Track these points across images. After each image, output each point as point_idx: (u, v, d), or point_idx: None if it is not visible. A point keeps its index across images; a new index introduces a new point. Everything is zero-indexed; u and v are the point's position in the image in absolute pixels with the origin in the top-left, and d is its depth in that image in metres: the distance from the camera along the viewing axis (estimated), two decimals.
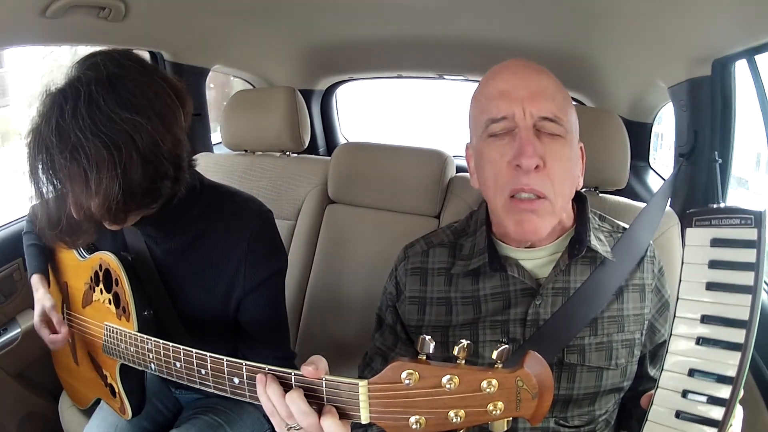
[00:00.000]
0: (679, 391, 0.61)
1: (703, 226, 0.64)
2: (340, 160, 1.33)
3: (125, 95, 0.67)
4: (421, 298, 0.80)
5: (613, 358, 0.74)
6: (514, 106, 0.68)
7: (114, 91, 0.66)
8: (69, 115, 0.64)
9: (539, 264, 0.76)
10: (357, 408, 0.52)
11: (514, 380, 0.47)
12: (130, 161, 0.66)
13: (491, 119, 0.70)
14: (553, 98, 0.69)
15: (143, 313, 0.80)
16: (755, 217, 0.60)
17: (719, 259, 0.62)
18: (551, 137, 0.68)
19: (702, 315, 0.61)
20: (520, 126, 0.68)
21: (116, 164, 0.65)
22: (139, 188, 0.68)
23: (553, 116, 0.68)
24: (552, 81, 0.72)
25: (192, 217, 0.83)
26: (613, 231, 0.81)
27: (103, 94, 0.65)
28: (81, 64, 0.70)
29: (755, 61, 1.01)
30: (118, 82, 0.67)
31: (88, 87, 0.65)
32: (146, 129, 0.67)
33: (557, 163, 0.68)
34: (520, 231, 0.70)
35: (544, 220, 0.69)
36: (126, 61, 0.71)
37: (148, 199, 0.72)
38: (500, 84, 0.71)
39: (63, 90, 0.66)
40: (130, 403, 0.86)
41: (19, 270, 1.26)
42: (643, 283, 0.77)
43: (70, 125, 0.64)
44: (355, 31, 1.63)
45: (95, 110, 0.64)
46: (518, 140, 0.67)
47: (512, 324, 0.75)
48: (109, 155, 0.64)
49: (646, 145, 1.61)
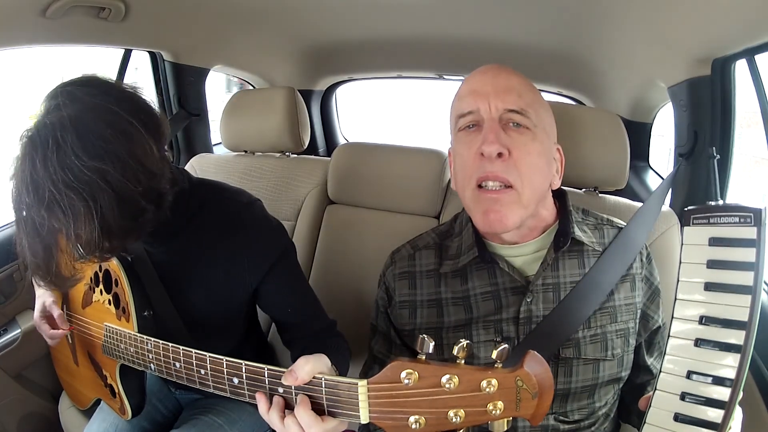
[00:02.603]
0: (678, 394, 0.60)
1: (701, 224, 0.63)
2: (340, 161, 1.32)
3: (91, 140, 0.64)
4: (411, 302, 0.80)
5: (609, 348, 0.74)
6: (480, 102, 0.72)
7: (78, 137, 0.63)
8: (40, 167, 0.63)
9: (527, 261, 0.77)
10: (356, 408, 0.52)
11: (513, 380, 0.47)
12: (107, 207, 0.65)
13: (459, 114, 0.74)
14: (519, 94, 0.72)
15: (143, 314, 0.80)
16: (754, 215, 0.59)
17: (718, 259, 0.61)
18: (518, 130, 0.71)
19: (700, 316, 0.60)
20: (485, 118, 0.71)
21: (93, 214, 0.64)
22: (121, 228, 0.67)
23: (518, 108, 0.71)
24: (522, 81, 0.75)
25: (185, 218, 0.83)
26: (598, 224, 0.82)
27: (69, 141, 0.63)
28: (46, 105, 0.67)
29: (755, 61, 1.01)
30: (81, 126, 0.64)
31: (54, 133, 0.63)
32: (117, 174, 0.65)
33: (524, 155, 0.70)
34: (487, 222, 0.71)
35: (510, 211, 0.70)
36: (87, 97, 0.67)
37: (132, 234, 0.71)
38: (470, 84, 0.75)
39: (32, 137, 0.64)
40: (130, 404, 0.86)
41: (19, 270, 1.26)
42: (632, 273, 0.78)
43: (43, 178, 0.63)
44: (355, 31, 1.63)
45: (64, 158, 0.63)
46: (483, 131, 0.70)
47: (505, 323, 0.75)
48: (84, 206, 0.63)
49: (646, 145, 1.61)
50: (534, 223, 0.76)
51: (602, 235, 0.80)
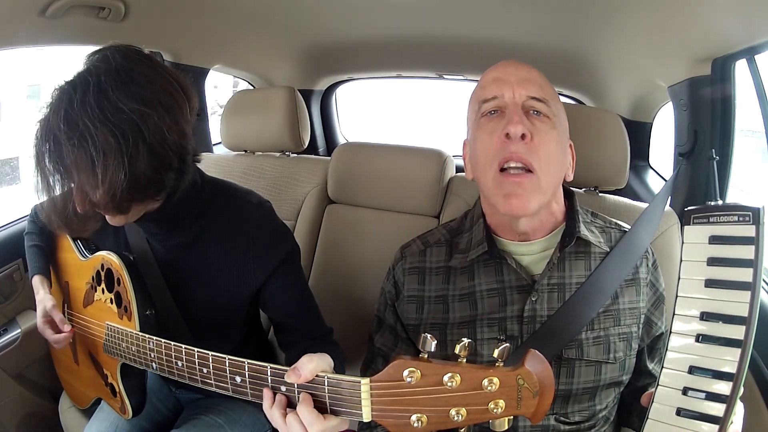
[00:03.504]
0: (680, 389, 0.61)
1: (701, 223, 0.64)
2: (340, 160, 1.33)
3: (134, 87, 0.67)
4: (419, 297, 0.81)
5: (611, 351, 0.75)
6: (504, 88, 0.74)
7: (123, 82, 0.67)
8: (78, 104, 0.65)
9: (534, 260, 0.78)
10: (359, 406, 0.52)
11: (515, 378, 0.47)
12: (137, 150, 0.66)
13: (483, 100, 0.76)
14: (541, 86, 0.75)
15: (145, 313, 0.80)
16: (753, 214, 0.60)
17: (718, 257, 0.62)
18: (539, 118, 0.74)
19: (701, 312, 0.62)
20: (509, 103, 0.74)
21: (123, 153, 0.65)
22: (144, 178, 0.69)
23: (540, 97, 0.74)
24: (541, 75, 0.77)
25: (194, 212, 0.83)
26: (606, 226, 0.82)
27: (112, 85, 0.66)
28: (90, 57, 0.71)
29: (755, 60, 1.01)
30: (127, 74, 0.68)
31: (98, 78, 0.66)
32: (153, 120, 0.68)
33: (544, 142, 0.72)
34: (508, 206, 0.72)
35: (531, 196, 0.71)
36: (135, 55, 0.72)
37: (153, 189, 0.72)
38: (493, 73, 0.78)
39: (72, 81, 0.67)
40: (131, 403, 0.86)
41: (19, 270, 1.26)
42: (638, 277, 0.78)
43: (79, 113, 0.65)
44: (355, 31, 1.63)
45: (104, 100, 0.65)
46: (507, 115, 0.72)
47: (509, 321, 0.75)
48: (116, 143, 0.65)
49: (646, 145, 1.61)
50: (546, 217, 0.77)
51: (609, 238, 0.80)
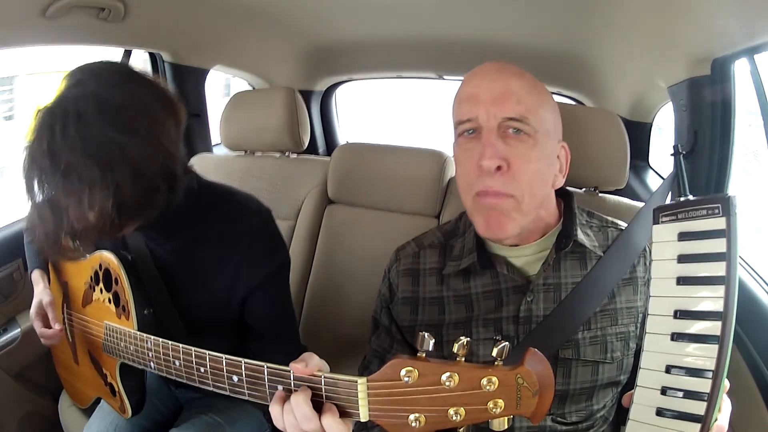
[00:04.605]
0: (658, 389, 0.60)
1: (670, 221, 0.62)
2: (340, 161, 1.32)
3: (112, 114, 0.66)
4: (413, 299, 0.81)
5: (608, 351, 0.74)
6: (479, 109, 0.70)
7: (99, 110, 0.65)
8: (59, 135, 0.63)
9: (529, 261, 0.77)
10: (356, 406, 0.52)
11: (514, 378, 0.46)
12: (123, 179, 0.65)
13: (459, 121, 0.73)
14: (518, 100, 0.69)
15: (143, 312, 0.80)
16: (722, 205, 0.58)
17: (688, 253, 0.60)
18: (518, 137, 0.69)
19: (675, 310, 0.60)
20: (484, 128, 0.70)
21: (108, 183, 0.64)
22: (133, 203, 0.68)
23: (518, 116, 0.69)
24: (522, 83, 0.71)
25: (191, 218, 0.83)
26: (603, 226, 0.81)
27: (90, 113, 0.64)
28: (66, 82, 0.69)
29: (755, 60, 1.01)
30: (104, 100, 0.66)
31: (75, 105, 0.65)
32: (136, 148, 0.66)
33: (524, 164, 0.69)
34: (488, 229, 0.71)
35: (509, 218, 0.70)
36: (111, 75, 0.70)
37: (143, 211, 0.72)
38: (469, 88, 0.73)
39: (51, 110, 0.66)
40: (130, 402, 0.86)
41: (19, 270, 1.26)
42: (635, 276, 0.77)
43: (61, 146, 0.63)
44: (355, 31, 1.63)
45: (84, 129, 0.64)
46: (482, 139, 0.69)
47: (505, 321, 0.75)
48: (100, 174, 0.64)
49: (646, 145, 1.61)
50: (533, 226, 0.75)
51: (606, 237, 0.79)
